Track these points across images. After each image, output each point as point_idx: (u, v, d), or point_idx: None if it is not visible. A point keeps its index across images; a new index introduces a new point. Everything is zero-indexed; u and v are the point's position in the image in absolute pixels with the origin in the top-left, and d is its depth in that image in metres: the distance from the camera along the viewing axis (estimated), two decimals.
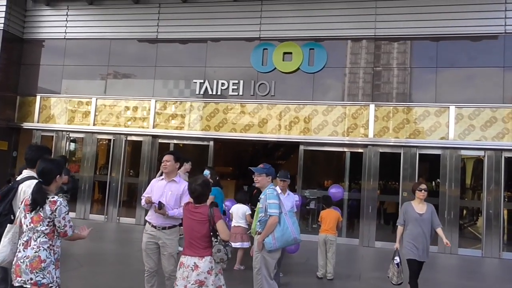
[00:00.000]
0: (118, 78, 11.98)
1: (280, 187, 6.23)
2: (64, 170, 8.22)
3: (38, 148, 4.23)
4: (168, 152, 4.98)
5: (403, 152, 10.04)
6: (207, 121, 11.14)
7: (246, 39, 11.09)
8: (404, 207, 5.60)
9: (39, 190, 3.21)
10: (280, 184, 6.23)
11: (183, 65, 11.43)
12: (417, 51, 10.33)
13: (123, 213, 11.64)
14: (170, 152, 5.05)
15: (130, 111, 11.71)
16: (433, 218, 5.45)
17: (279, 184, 6.25)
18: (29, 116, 12.33)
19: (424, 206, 5.49)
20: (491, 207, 9.49)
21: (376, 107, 10.23)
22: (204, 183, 3.89)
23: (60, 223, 3.19)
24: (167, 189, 4.77)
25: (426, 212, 5.45)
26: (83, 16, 12.20)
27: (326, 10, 10.58)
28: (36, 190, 3.20)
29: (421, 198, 5.49)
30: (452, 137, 9.73)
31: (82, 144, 12.10)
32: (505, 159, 9.55)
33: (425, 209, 5.47)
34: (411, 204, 5.54)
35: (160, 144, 11.64)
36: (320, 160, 11.89)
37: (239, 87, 10.97)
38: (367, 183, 10.18)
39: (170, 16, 11.60)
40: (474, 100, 9.71)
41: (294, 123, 10.66)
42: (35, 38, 12.47)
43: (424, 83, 10.13)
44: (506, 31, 9.65)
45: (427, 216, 5.43)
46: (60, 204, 3.20)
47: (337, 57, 10.62)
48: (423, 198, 5.49)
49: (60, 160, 3.89)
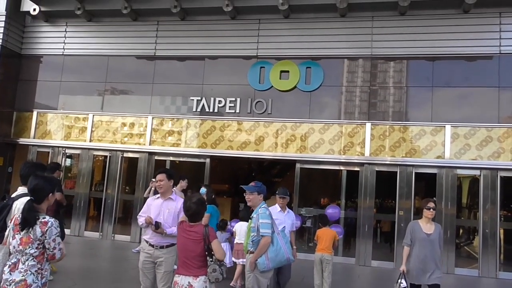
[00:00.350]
0: (115, 94, 12.00)
1: (280, 205, 6.19)
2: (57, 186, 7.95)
3: (33, 165, 4.21)
4: (160, 171, 4.92)
5: (399, 170, 10.04)
6: (203, 138, 11.14)
7: (244, 57, 11.16)
8: (411, 226, 5.35)
9: (30, 209, 3.08)
10: (280, 201, 6.19)
11: (181, 82, 11.48)
12: (413, 70, 10.42)
13: (118, 230, 11.54)
14: (162, 170, 4.99)
15: (127, 127, 11.71)
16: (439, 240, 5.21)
17: (278, 202, 6.21)
18: (25, 132, 12.31)
19: (432, 226, 5.25)
20: (487, 226, 9.47)
21: (373, 125, 10.27)
22: (199, 202, 3.87)
23: (50, 245, 3.06)
24: (164, 207, 4.75)
25: (434, 232, 5.19)
26: (81, 32, 12.28)
27: (322, 29, 10.69)
28: (27, 208, 3.07)
29: (429, 217, 5.24)
30: (448, 156, 9.75)
31: (78, 160, 12.06)
32: (501, 178, 9.57)
33: (433, 229, 5.22)
34: (418, 223, 5.30)
35: (157, 161, 11.60)
36: (317, 178, 11.87)
37: (236, 105, 11.00)
38: (364, 202, 10.15)
39: (168, 34, 11.69)
40: (470, 120, 9.76)
41: (290, 141, 10.68)
42: (33, 54, 12.52)
43: (420, 102, 10.19)
44: (501, 52, 9.76)
45: (435, 237, 5.17)
46: (52, 225, 3.07)
47: (334, 76, 10.70)
48: (431, 217, 5.24)
49: (52, 177, 3.78)
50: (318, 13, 10.69)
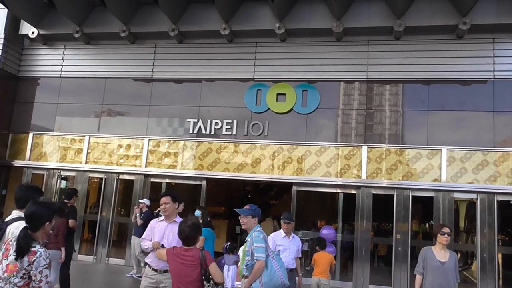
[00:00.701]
0: (112, 116, 12.00)
1: (284, 230, 6.12)
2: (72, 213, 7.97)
3: (28, 188, 4.13)
4: (165, 194, 4.85)
5: (396, 194, 10.01)
6: (200, 161, 11.11)
7: (240, 80, 11.23)
8: (424, 252, 4.96)
9: (26, 236, 2.93)
10: (284, 226, 6.12)
11: (177, 104, 11.51)
12: (408, 94, 10.49)
13: (113, 254, 11.38)
14: (167, 193, 4.92)
15: (123, 149, 11.68)
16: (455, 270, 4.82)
17: (283, 227, 6.15)
18: (20, 154, 12.24)
19: (447, 254, 4.87)
20: (485, 251, 9.39)
21: (369, 148, 10.28)
22: (194, 225, 3.83)
23: (36, 277, 2.87)
24: (168, 230, 4.68)
25: (449, 260, 4.82)
26: (79, 55, 12.36)
27: (319, 53, 10.79)
28: (22, 236, 2.92)
29: (444, 244, 4.87)
30: (445, 179, 9.74)
31: (73, 183, 11.96)
32: (498, 202, 9.54)
33: (448, 256, 4.85)
34: (431, 250, 4.92)
35: (152, 183, 11.53)
36: (313, 201, 11.81)
37: (233, 127, 11.02)
38: (361, 225, 10.09)
39: (166, 56, 11.77)
40: (466, 143, 9.79)
41: (287, 163, 10.66)
42: (30, 76, 12.56)
43: (416, 125, 10.23)
44: (495, 77, 9.87)
45: (450, 266, 4.79)
46: (40, 255, 2.91)
47: (330, 99, 10.75)
48: (446, 243, 4.87)
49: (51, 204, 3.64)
50: (314, 37, 10.82)
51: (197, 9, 11.22)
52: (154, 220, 5.00)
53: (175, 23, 11.18)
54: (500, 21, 9.67)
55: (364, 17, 10.36)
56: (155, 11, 11.16)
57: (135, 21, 11.53)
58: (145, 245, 4.65)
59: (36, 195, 3.80)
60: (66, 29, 11.92)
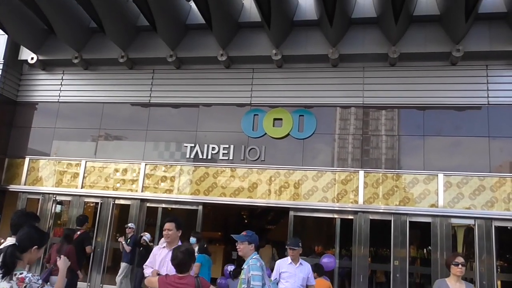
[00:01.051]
0: (109, 140, 12.00)
1: (291, 257, 5.97)
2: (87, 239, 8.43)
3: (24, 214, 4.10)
4: (170, 220, 4.80)
5: (393, 219, 9.96)
6: (196, 185, 11.07)
7: (237, 105, 11.30)
8: (437, 285, 4.65)
9: (12, 254, 2.91)
10: (290, 253, 5.97)
11: (175, 128, 11.54)
12: (404, 119, 10.55)
13: (107, 280, 11.20)
14: (171, 219, 4.86)
15: (120, 173, 11.64)
16: None
17: (289, 253, 6.02)
18: (16, 178, 12.18)
19: (462, 286, 4.54)
20: (484, 278, 9.29)
21: (366, 173, 10.28)
22: (187, 251, 3.78)
23: None
24: (169, 257, 4.64)
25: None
26: (77, 80, 12.44)
27: (315, 78, 10.90)
28: (9, 253, 2.91)
29: (459, 275, 4.54)
30: (442, 205, 9.72)
31: (69, 207, 11.88)
32: (495, 228, 9.49)
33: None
34: (445, 282, 4.60)
35: (149, 208, 11.46)
36: (310, 226, 11.75)
37: (230, 152, 11.02)
38: (358, 250, 9.99)
39: (164, 82, 11.86)
40: (462, 169, 9.81)
41: (284, 188, 10.63)
42: (28, 101, 12.61)
43: (412, 150, 10.26)
44: (489, 103, 9.97)
45: None
46: (30, 281, 2.88)
47: (327, 124, 10.81)
48: (461, 275, 4.54)
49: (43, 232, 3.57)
50: (310, 63, 10.95)
51: (195, 36, 11.37)
52: (157, 247, 4.97)
53: (173, 49, 11.31)
54: (493, 49, 9.82)
55: (359, 44, 10.51)
56: (153, 37, 11.30)
57: (134, 47, 11.67)
58: (147, 273, 4.60)
59: (32, 221, 3.79)
60: (65, 54, 12.04)
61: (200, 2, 9.75)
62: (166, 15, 10.50)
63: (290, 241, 6.09)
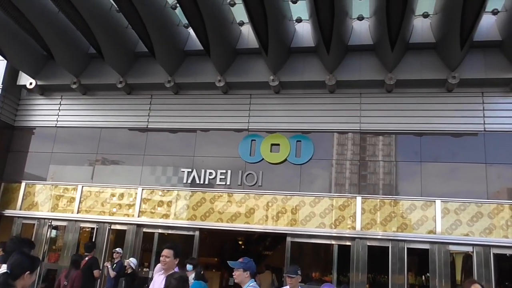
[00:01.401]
0: (106, 165, 11.97)
1: (289, 285, 5.87)
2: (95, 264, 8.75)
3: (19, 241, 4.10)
4: (168, 246, 4.79)
5: (391, 245, 9.88)
6: (193, 210, 11.01)
7: (235, 130, 11.33)
8: None
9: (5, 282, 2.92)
10: (288, 281, 5.88)
11: (172, 153, 11.53)
12: (401, 145, 10.58)
13: None
14: (170, 246, 4.85)
15: (116, 198, 11.58)
16: None
17: (288, 281, 5.92)
18: (11, 203, 12.10)
19: None
20: None
21: (363, 199, 10.25)
22: (181, 279, 3.77)
23: None
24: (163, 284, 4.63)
25: None
26: (75, 105, 12.48)
27: (312, 104, 10.97)
28: (2, 281, 2.92)
29: None
30: (440, 231, 9.67)
31: (64, 232, 11.77)
32: (493, 256, 9.43)
33: None
34: None
35: (145, 233, 11.36)
36: (308, 252, 11.66)
37: (227, 177, 11.00)
38: (356, 277, 9.88)
39: (161, 107, 11.91)
40: (459, 195, 9.79)
41: (281, 213, 10.58)
42: (26, 126, 12.62)
43: (410, 176, 10.26)
44: (485, 129, 10.03)
45: None
46: None
47: (324, 149, 10.82)
48: None
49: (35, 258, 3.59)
50: (307, 89, 11.03)
51: (193, 62, 11.47)
52: (157, 273, 4.95)
53: (171, 75, 11.40)
54: (488, 76, 9.94)
55: (356, 70, 10.62)
56: (151, 63, 11.40)
57: (132, 72, 11.75)
58: None
59: (26, 247, 3.79)
60: (63, 80, 12.10)
61: (198, 28, 9.87)
62: (164, 41, 10.62)
63: (288, 269, 6.00)
